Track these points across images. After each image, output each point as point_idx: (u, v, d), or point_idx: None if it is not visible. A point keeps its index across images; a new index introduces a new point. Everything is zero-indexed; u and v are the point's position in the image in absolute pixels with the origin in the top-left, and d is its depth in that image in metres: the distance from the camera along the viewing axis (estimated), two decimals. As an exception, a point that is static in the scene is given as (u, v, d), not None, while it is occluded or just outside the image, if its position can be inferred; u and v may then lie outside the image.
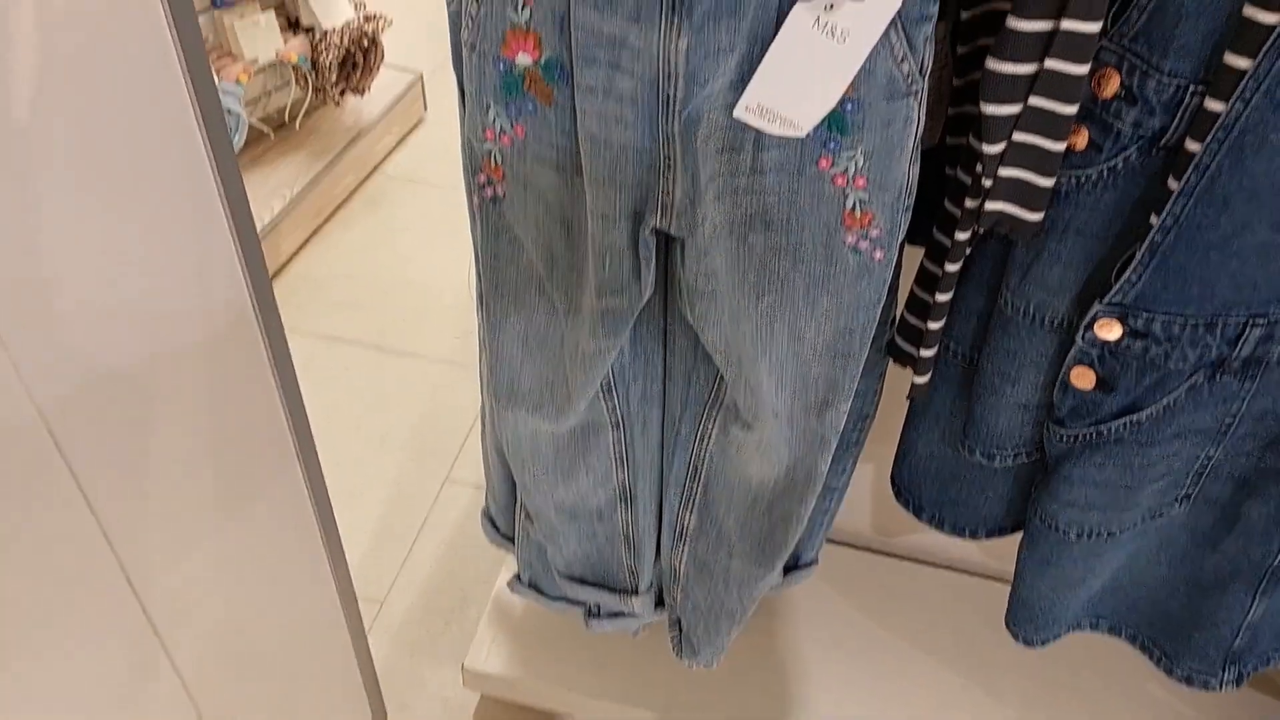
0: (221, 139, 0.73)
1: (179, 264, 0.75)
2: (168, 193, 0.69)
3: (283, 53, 2.08)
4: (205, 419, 0.87)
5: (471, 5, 0.78)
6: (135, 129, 0.65)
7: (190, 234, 0.74)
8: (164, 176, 0.69)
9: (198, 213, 0.74)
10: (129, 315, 0.74)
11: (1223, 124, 0.73)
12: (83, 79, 0.59)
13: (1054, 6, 0.72)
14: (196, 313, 0.79)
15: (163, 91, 0.65)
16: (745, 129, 0.77)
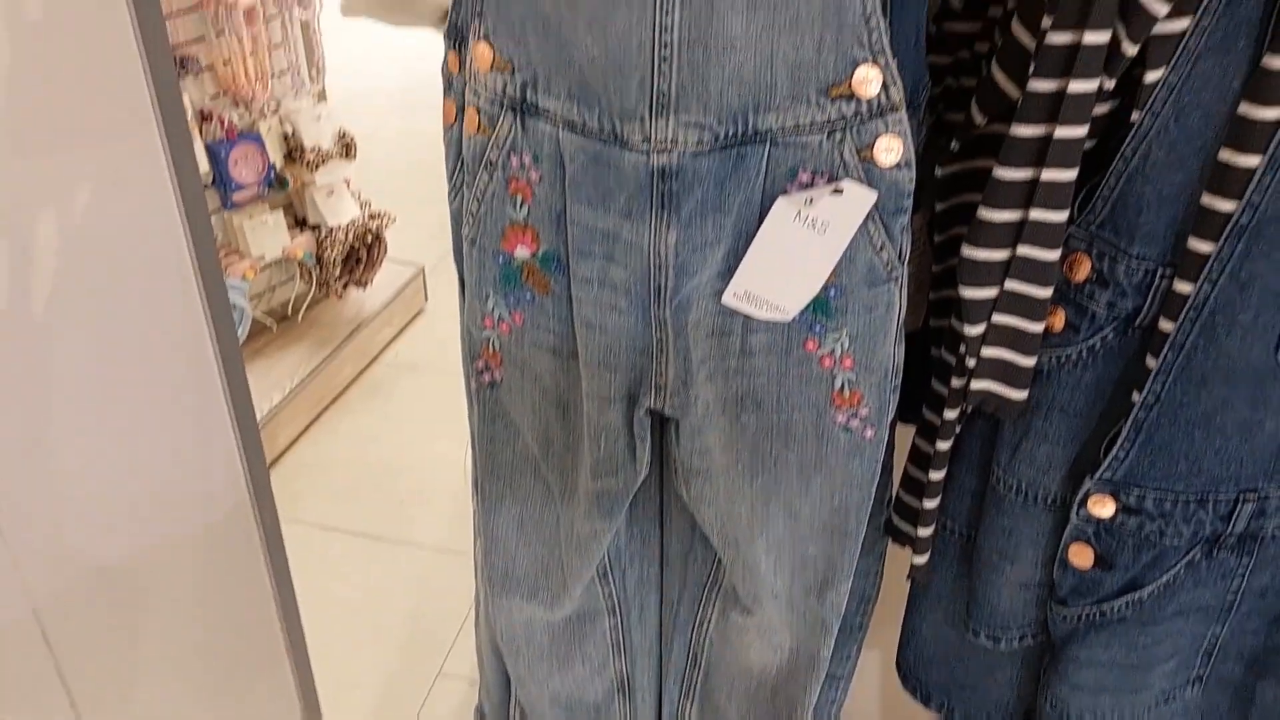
0: (229, 338, 0.75)
1: (180, 458, 0.76)
2: (173, 389, 0.71)
3: (289, 249, 2.16)
4: (197, 613, 0.86)
5: (472, 204, 0.83)
6: (146, 327, 0.67)
7: (192, 429, 0.75)
8: (170, 373, 0.71)
9: (201, 408, 0.75)
10: (128, 508, 0.74)
11: (1193, 305, 0.76)
12: (98, 278, 0.62)
13: (1022, 198, 0.77)
14: (194, 505, 0.80)
15: (175, 291, 0.68)
16: (734, 314, 0.80)
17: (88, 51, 0.57)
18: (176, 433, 0.77)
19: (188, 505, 0.81)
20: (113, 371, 0.70)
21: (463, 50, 0.82)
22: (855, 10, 0.69)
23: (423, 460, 2.20)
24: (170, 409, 0.75)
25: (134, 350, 0.70)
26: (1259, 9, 0.67)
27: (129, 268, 0.67)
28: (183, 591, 0.85)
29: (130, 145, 0.59)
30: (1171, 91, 0.71)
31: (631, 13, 0.70)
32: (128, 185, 0.59)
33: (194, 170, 0.65)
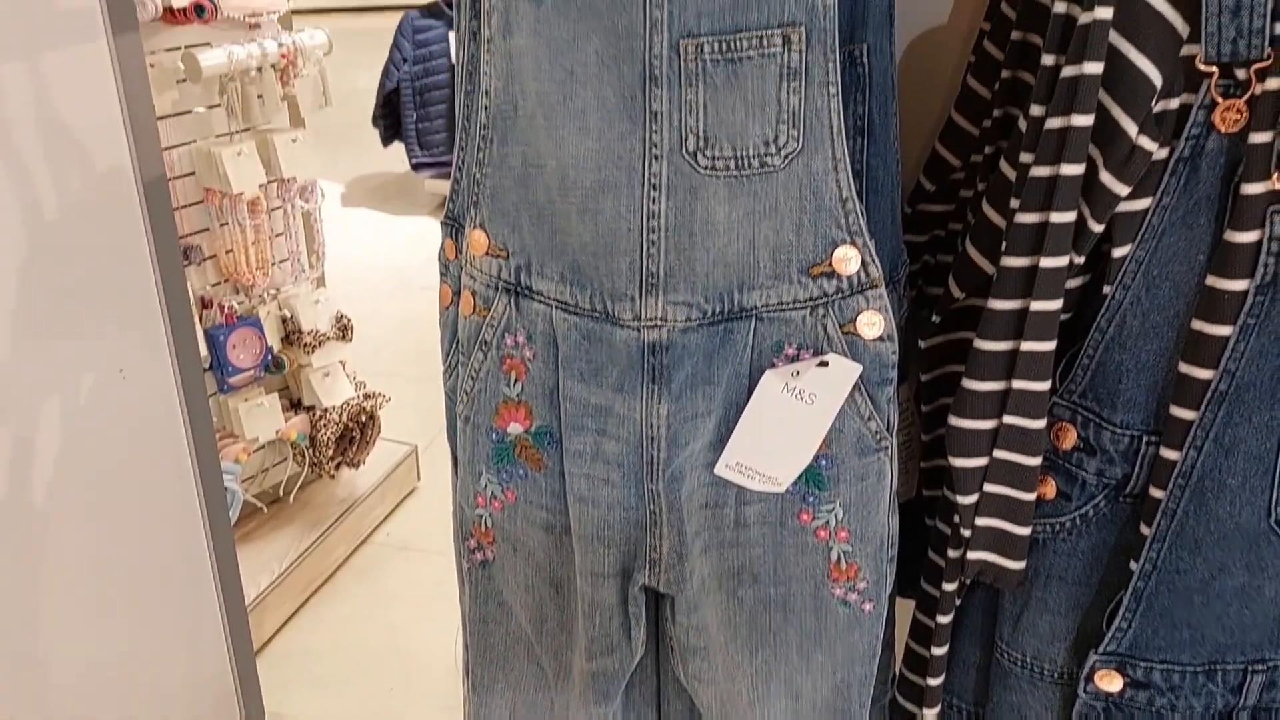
0: (222, 528, 0.75)
1: (167, 644, 0.74)
2: (165, 577, 0.71)
3: (283, 431, 2.17)
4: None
5: (467, 382, 0.84)
6: (141, 515, 0.67)
7: (181, 615, 0.74)
8: (162, 561, 0.70)
9: (190, 593, 0.75)
10: (116, 693, 0.72)
11: (1181, 471, 0.77)
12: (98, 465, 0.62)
13: (1004, 369, 0.79)
14: (180, 692, 0.78)
15: (171, 478, 0.69)
16: (727, 485, 0.81)
17: (100, 246, 0.60)
18: (164, 619, 0.75)
19: (174, 694, 0.78)
20: (103, 555, 0.69)
21: (459, 238, 0.86)
22: (832, 195, 0.73)
23: (413, 644, 2.14)
24: (161, 599, 0.74)
25: (127, 537, 0.70)
26: (1215, 188, 0.71)
27: (128, 455, 0.68)
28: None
29: (135, 334, 0.61)
30: (1140, 265, 0.74)
31: (620, 200, 0.74)
32: (131, 373, 0.60)
33: (196, 360, 0.67)
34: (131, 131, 0.64)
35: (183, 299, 0.64)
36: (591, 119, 0.73)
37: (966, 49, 0.94)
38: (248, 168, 1.89)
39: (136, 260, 0.61)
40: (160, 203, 0.63)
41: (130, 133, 0.64)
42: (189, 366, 0.64)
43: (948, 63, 0.98)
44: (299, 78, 1.99)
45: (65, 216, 0.60)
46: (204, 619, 0.77)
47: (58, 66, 0.62)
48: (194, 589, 0.76)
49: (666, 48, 0.71)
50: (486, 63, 0.76)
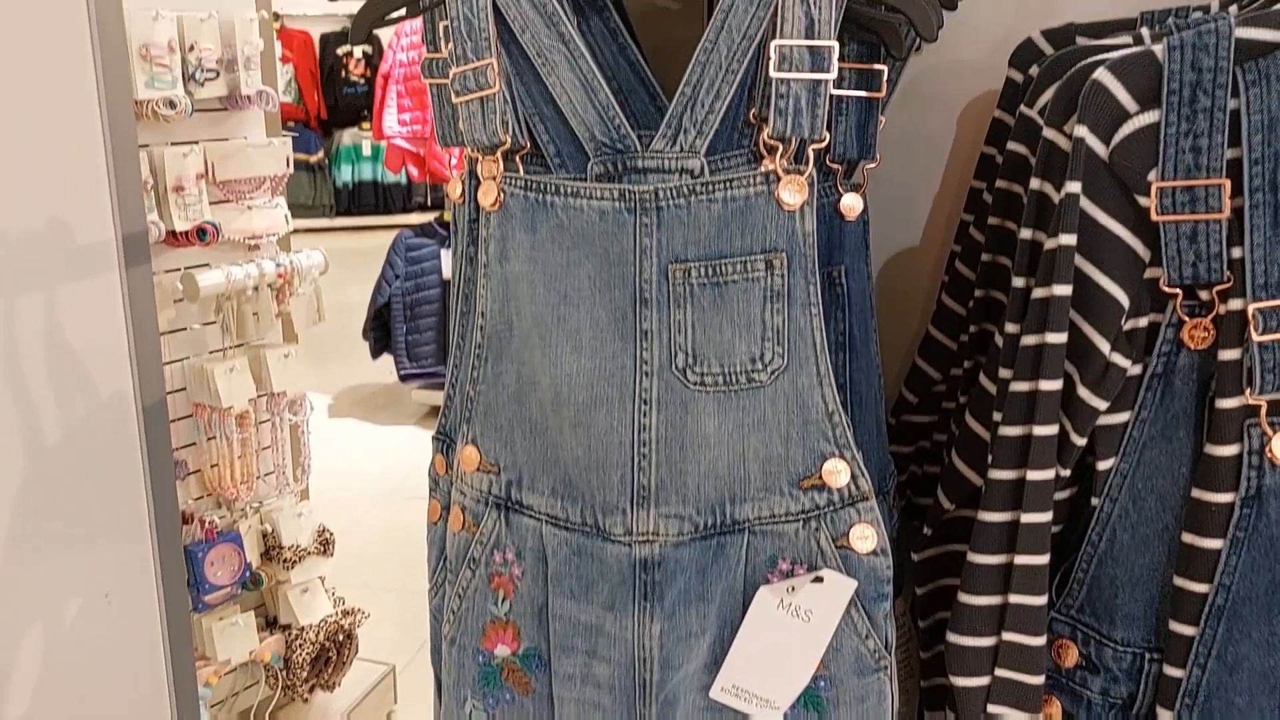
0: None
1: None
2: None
3: (256, 653, 2.09)
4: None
5: (454, 600, 0.83)
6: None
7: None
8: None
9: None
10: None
11: (1186, 691, 0.75)
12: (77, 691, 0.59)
13: (999, 583, 0.78)
14: None
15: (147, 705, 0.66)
16: (723, 710, 0.78)
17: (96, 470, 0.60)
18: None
19: None
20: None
21: (450, 453, 0.86)
22: (818, 409, 0.75)
23: None
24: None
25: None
26: (1191, 402, 0.73)
27: (106, 682, 0.66)
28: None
29: (123, 556, 0.60)
30: (1125, 478, 0.75)
31: (613, 415, 0.75)
32: (116, 597, 0.59)
33: (181, 584, 0.66)
34: (135, 358, 0.65)
35: (173, 522, 0.64)
36: (584, 338, 0.75)
37: (939, 268, 0.99)
38: (239, 383, 1.92)
39: (130, 483, 0.61)
40: (158, 427, 0.63)
41: (134, 359, 0.65)
42: (174, 591, 0.63)
43: (922, 281, 1.03)
44: (294, 296, 2.05)
45: (65, 441, 0.61)
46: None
47: (71, 296, 0.65)
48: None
49: (656, 272, 0.74)
50: (483, 286, 0.79)
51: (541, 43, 0.75)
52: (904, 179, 1.00)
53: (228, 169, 1.90)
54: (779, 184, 0.72)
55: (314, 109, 6.98)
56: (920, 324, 1.00)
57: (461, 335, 0.85)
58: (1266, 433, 0.70)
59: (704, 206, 0.73)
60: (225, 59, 1.84)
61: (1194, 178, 0.68)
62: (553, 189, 0.75)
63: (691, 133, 0.73)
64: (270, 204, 2.01)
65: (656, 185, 0.73)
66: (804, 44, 0.70)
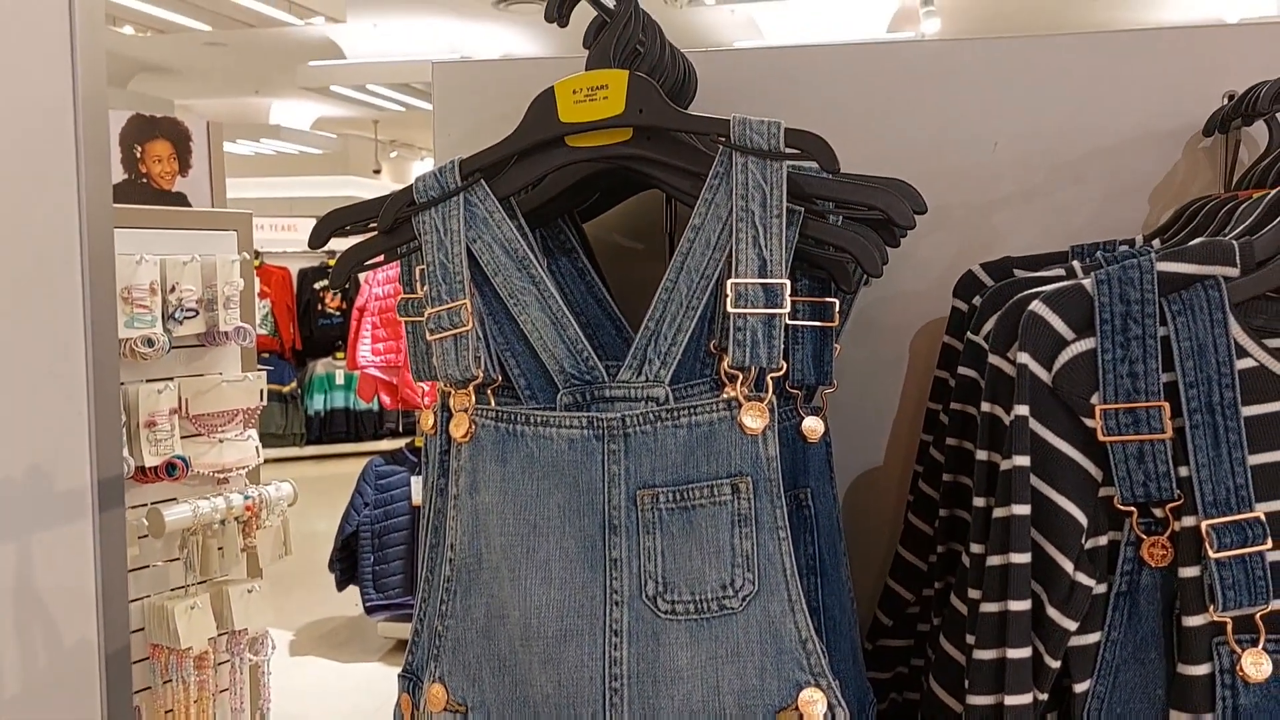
0: None
1: None
2: None
3: None
4: None
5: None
6: None
7: None
8: None
9: None
10: None
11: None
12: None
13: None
14: None
15: None
16: None
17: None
18: None
19: None
20: None
21: (416, 693, 0.84)
22: (791, 636, 0.74)
23: None
24: None
25: None
26: (1158, 621, 0.73)
27: None
28: None
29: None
30: (1102, 702, 0.74)
31: (583, 649, 0.74)
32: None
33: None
34: (102, 604, 0.64)
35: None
36: (554, 568, 0.75)
37: (904, 488, 1.00)
38: (199, 622, 1.86)
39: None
40: (120, 673, 0.61)
41: (101, 606, 0.64)
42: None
43: (888, 501, 1.04)
44: (261, 528, 2.02)
45: (25, 693, 0.59)
46: None
47: (42, 543, 0.64)
48: None
49: (624, 499, 0.75)
50: (453, 518, 0.79)
51: (513, 284, 0.79)
52: (863, 403, 1.04)
53: (201, 404, 1.93)
54: (741, 410, 0.75)
55: (289, 340, 7.12)
56: (889, 544, 1.01)
57: (430, 569, 0.85)
58: (1235, 651, 0.70)
59: (670, 433, 0.75)
60: (205, 298, 1.90)
61: (1134, 400, 0.71)
62: (523, 419, 0.77)
63: (656, 363, 0.77)
64: (241, 436, 2.02)
65: (624, 413, 0.76)
66: (758, 282, 0.75)
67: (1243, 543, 0.69)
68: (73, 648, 0.63)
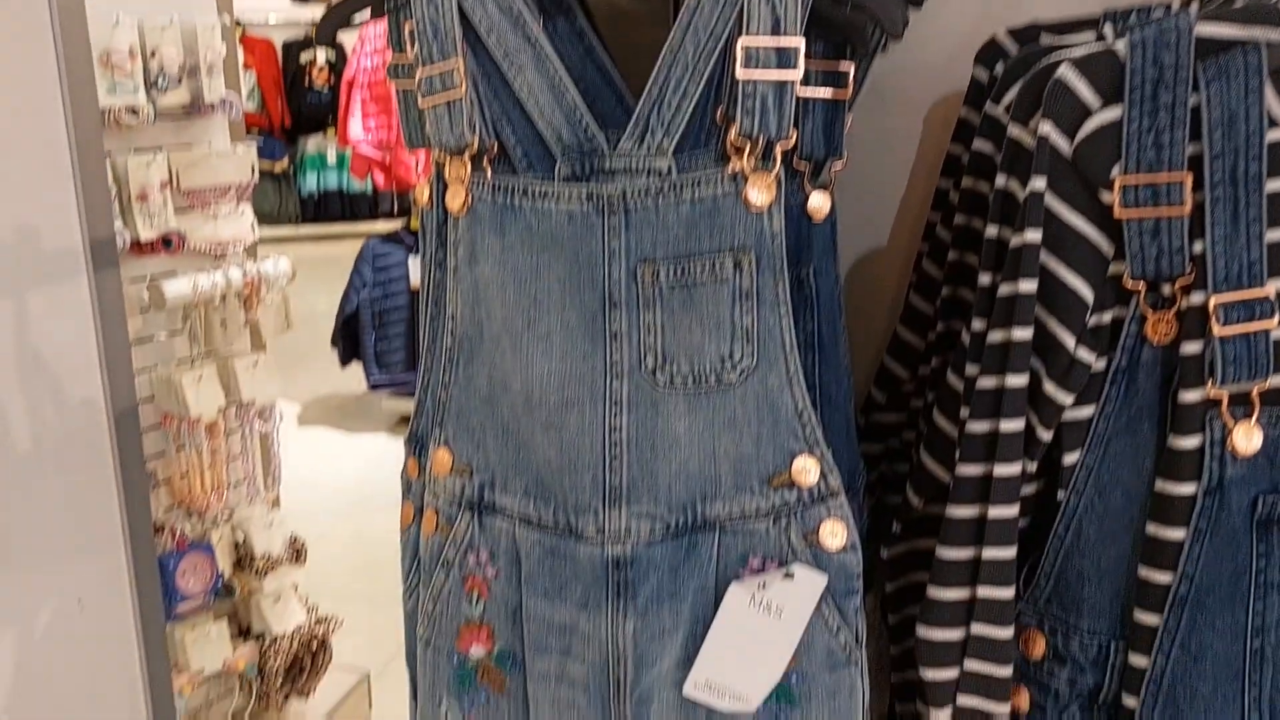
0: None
1: None
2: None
3: (230, 662, 2.07)
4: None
5: (428, 603, 0.83)
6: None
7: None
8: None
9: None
10: None
11: (1151, 678, 0.76)
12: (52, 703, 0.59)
13: (967, 575, 0.79)
14: None
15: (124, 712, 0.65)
16: (696, 706, 0.78)
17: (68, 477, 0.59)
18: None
19: None
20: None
21: (422, 457, 0.86)
22: (788, 408, 0.75)
23: None
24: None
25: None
26: (1154, 396, 0.74)
27: (82, 687, 0.65)
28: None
29: (96, 563, 0.59)
30: (1090, 472, 0.76)
31: (584, 417, 0.75)
32: (89, 603, 0.59)
33: (155, 590, 0.65)
34: (106, 364, 0.65)
35: (146, 529, 0.63)
36: (555, 341, 0.75)
37: (906, 268, 1.00)
38: (207, 392, 1.90)
39: (102, 490, 0.61)
40: (130, 434, 0.63)
41: (104, 366, 0.65)
42: (147, 596, 0.62)
43: (890, 281, 1.04)
44: (262, 304, 2.03)
45: (36, 449, 0.60)
46: None
47: (40, 303, 0.64)
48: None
49: (625, 274, 0.74)
50: (453, 289, 0.79)
51: (508, 44, 0.75)
52: (870, 180, 1.01)
53: (192, 177, 1.89)
54: (746, 184, 0.73)
55: (278, 117, 6.92)
56: (888, 323, 1.01)
57: (432, 339, 0.85)
58: (1228, 424, 0.71)
59: (672, 207, 0.73)
60: (187, 66, 1.82)
61: (1156, 172, 0.69)
62: (520, 191, 0.75)
63: (659, 133, 0.74)
64: (236, 212, 1.99)
65: (624, 186, 0.74)
66: (770, 42, 0.71)
67: (1249, 318, 0.69)
68: (79, 406, 0.64)
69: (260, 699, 2.18)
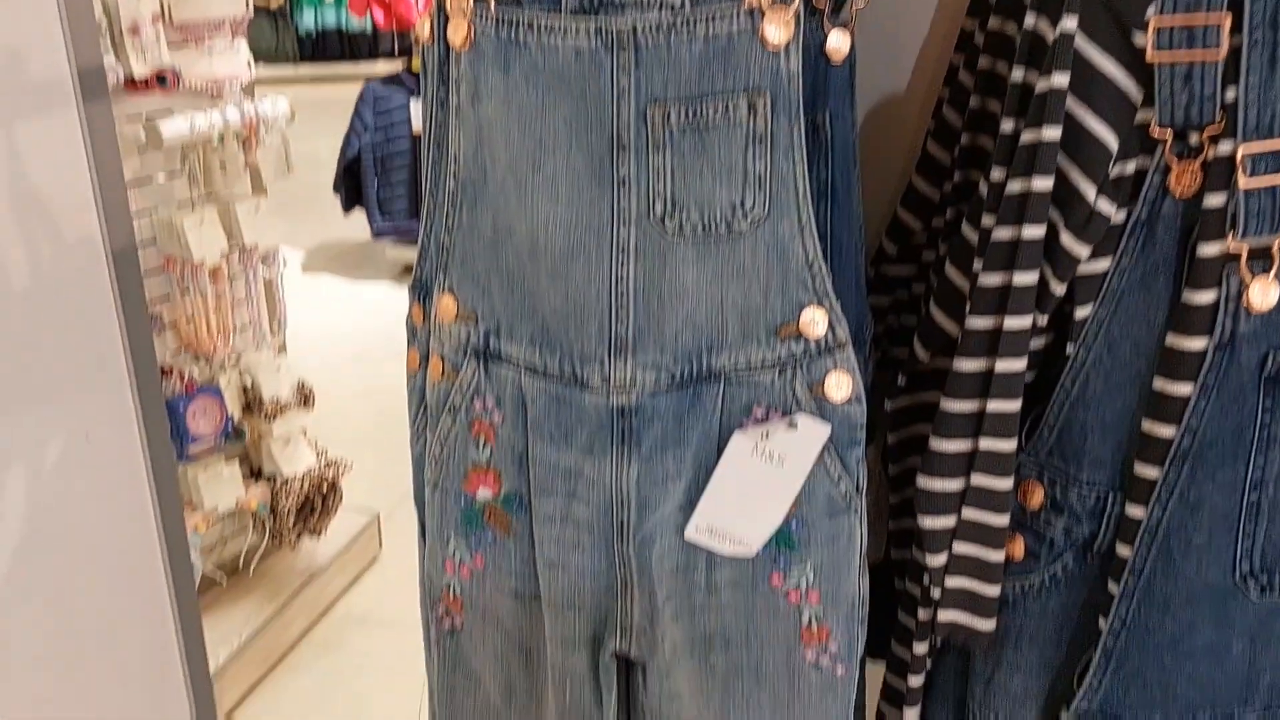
0: (187, 592, 0.73)
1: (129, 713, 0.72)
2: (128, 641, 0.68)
3: (243, 501, 2.13)
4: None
5: (435, 447, 0.84)
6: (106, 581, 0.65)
7: (144, 683, 0.72)
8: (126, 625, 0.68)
9: (154, 661, 0.72)
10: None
11: (1146, 529, 0.77)
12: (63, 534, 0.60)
13: (971, 428, 0.79)
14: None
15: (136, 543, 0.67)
16: (698, 549, 0.80)
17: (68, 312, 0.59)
18: (129, 692, 0.73)
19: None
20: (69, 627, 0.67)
21: (427, 303, 0.85)
22: (798, 258, 0.74)
23: (375, 718, 2.08)
24: (124, 666, 0.72)
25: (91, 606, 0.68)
26: (1172, 250, 0.73)
27: (93, 520, 0.66)
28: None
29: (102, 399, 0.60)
30: (1101, 326, 0.76)
31: (590, 265, 0.74)
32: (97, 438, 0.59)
33: (162, 425, 0.66)
34: (101, 200, 0.64)
35: (150, 364, 0.64)
36: (561, 185, 0.74)
37: (925, 115, 0.96)
38: (209, 236, 1.88)
39: (104, 326, 0.61)
40: (129, 270, 0.62)
41: (100, 201, 0.64)
42: (155, 431, 0.63)
43: (907, 128, 1.01)
44: (261, 146, 1.99)
45: (35, 284, 0.60)
46: (167, 688, 0.74)
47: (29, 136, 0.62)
48: (158, 657, 0.74)
49: (634, 115, 0.72)
50: (456, 129, 0.76)
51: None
52: (891, 21, 0.97)
53: (184, 10, 1.82)
54: (763, 20, 0.69)
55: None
56: (903, 174, 0.99)
57: (435, 182, 0.83)
58: (1245, 279, 0.70)
59: (684, 44, 0.70)
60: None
61: (1193, 13, 0.65)
62: (525, 24, 0.72)
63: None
64: (231, 48, 1.93)
65: (634, 20, 0.70)
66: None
67: (1277, 169, 0.67)
68: (77, 243, 0.64)
69: (273, 537, 2.25)
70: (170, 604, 0.73)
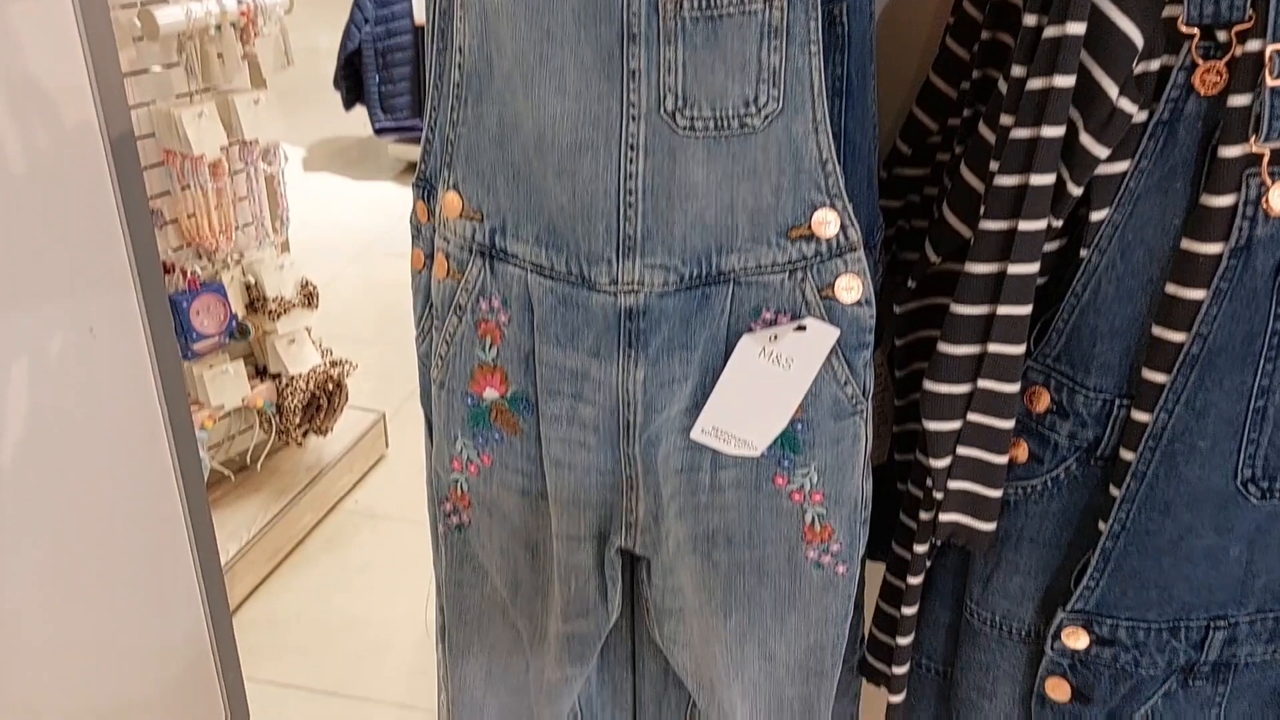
0: (196, 485, 0.74)
1: (140, 607, 0.73)
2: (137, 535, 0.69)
3: (249, 399, 2.14)
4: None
5: (441, 347, 0.83)
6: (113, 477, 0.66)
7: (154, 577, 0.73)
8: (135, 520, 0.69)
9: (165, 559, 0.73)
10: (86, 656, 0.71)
11: (1151, 434, 0.78)
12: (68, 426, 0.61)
13: (979, 333, 0.79)
14: (152, 656, 0.77)
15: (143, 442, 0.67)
16: (703, 450, 0.81)
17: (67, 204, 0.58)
18: (139, 586, 0.74)
19: (147, 659, 0.78)
20: (76, 522, 0.68)
21: (431, 199, 0.84)
22: (812, 157, 0.73)
23: (383, 612, 2.14)
24: (133, 560, 0.73)
25: (99, 500, 0.69)
26: (1192, 152, 0.71)
27: (98, 414, 0.67)
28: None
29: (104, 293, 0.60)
30: (1116, 230, 0.75)
31: (598, 161, 0.73)
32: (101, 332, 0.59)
33: (166, 320, 0.66)
34: (97, 88, 0.62)
35: (152, 258, 0.63)
36: (569, 79, 0.72)
37: (945, 9, 0.93)
38: (209, 129, 1.85)
39: (104, 218, 0.60)
40: (128, 160, 0.61)
41: (96, 89, 0.62)
42: (160, 326, 0.63)
43: (926, 24, 0.98)
44: (259, 37, 1.94)
45: (32, 174, 0.59)
46: (178, 582, 0.76)
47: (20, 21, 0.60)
48: (168, 551, 0.75)
49: (645, 5, 0.69)
50: (460, 19, 0.74)
51: None
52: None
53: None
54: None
55: None
56: (920, 71, 0.96)
57: (439, 74, 0.81)
58: (1266, 182, 0.68)
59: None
60: None
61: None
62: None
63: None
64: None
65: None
66: None
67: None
68: (73, 130, 0.62)
69: (280, 435, 2.27)
70: (180, 498, 0.74)
